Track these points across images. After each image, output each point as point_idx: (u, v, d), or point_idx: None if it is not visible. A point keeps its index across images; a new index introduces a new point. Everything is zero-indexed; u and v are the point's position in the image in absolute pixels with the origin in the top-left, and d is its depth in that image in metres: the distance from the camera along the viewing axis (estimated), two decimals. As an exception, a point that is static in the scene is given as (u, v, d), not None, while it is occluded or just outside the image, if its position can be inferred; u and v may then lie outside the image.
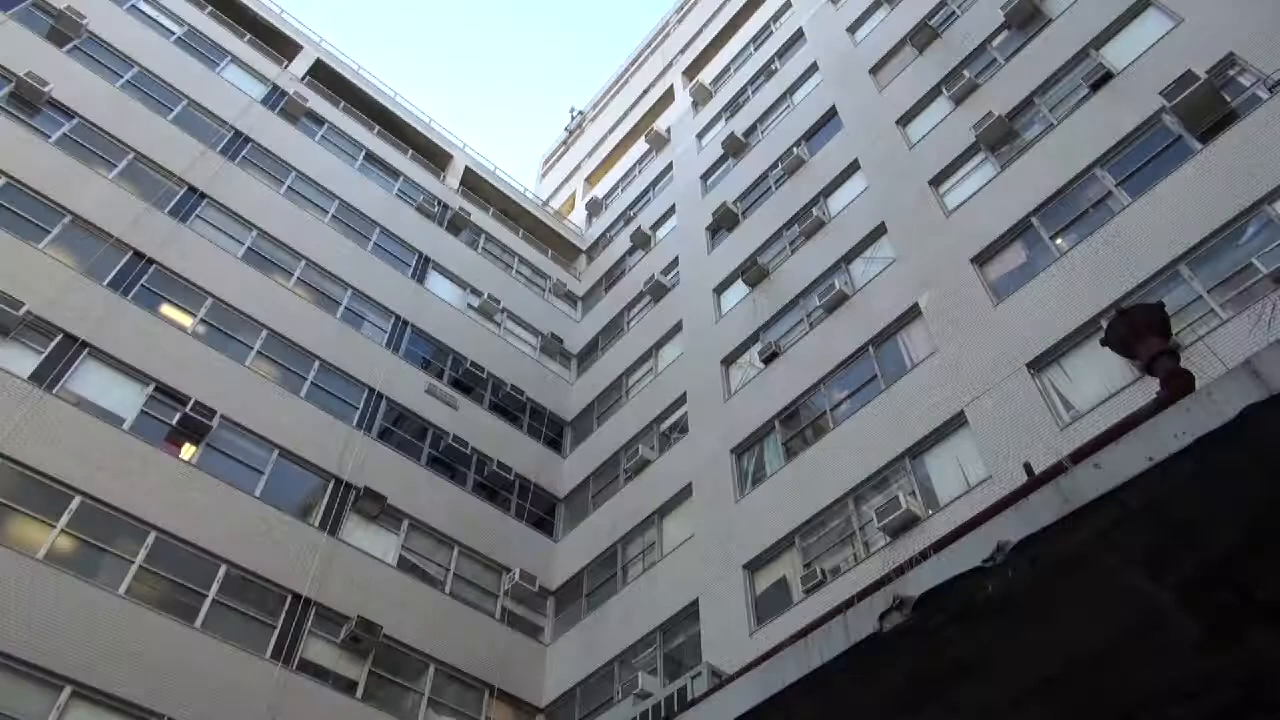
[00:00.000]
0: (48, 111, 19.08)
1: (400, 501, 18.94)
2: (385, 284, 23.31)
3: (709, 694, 6.01)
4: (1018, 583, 4.32)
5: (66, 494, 14.56)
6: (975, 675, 4.65)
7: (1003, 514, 4.52)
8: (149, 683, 13.56)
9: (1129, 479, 4.08)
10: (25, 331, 15.74)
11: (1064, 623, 4.50)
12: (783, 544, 15.57)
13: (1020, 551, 4.30)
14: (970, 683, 4.67)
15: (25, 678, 12.65)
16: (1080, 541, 4.21)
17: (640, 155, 33.32)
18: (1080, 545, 4.22)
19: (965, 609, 4.45)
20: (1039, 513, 4.32)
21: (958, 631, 4.51)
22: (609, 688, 17.21)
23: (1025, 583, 4.32)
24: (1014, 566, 4.31)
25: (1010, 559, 4.31)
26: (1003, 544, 4.34)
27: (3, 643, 12.59)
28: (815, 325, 18.39)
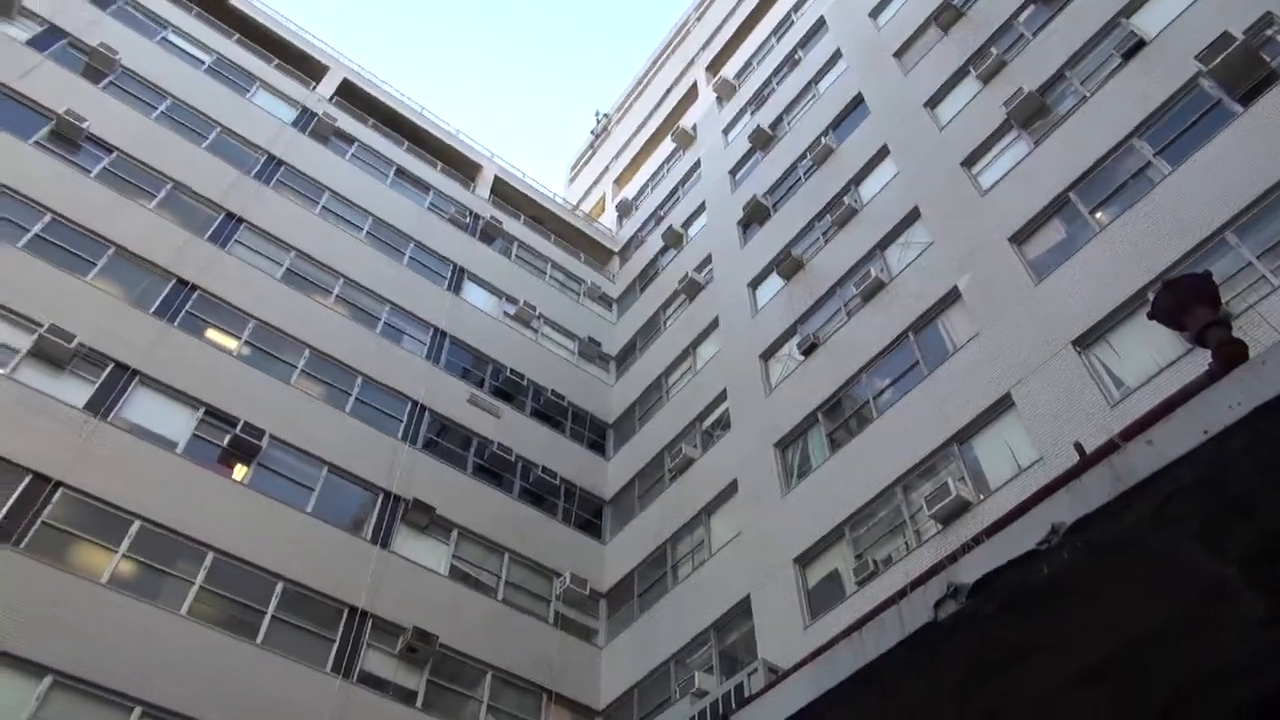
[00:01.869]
0: (87, 147, 19.55)
1: (449, 511, 19.13)
2: (422, 297, 23.56)
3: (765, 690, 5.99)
4: (1073, 565, 4.25)
5: (126, 519, 14.91)
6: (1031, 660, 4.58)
7: (1055, 496, 4.45)
8: (214, 700, 13.84)
9: (1183, 454, 3.99)
10: (78, 363, 16.14)
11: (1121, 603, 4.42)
12: (832, 536, 15.46)
13: (1075, 533, 4.23)
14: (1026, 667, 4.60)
15: (97, 700, 12.97)
16: (1136, 520, 4.14)
17: (667, 154, 33.30)
18: (1136, 524, 4.15)
19: (1020, 594, 4.39)
20: (1092, 493, 4.24)
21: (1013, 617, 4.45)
22: (666, 687, 17.22)
23: (1081, 564, 4.24)
24: (1069, 548, 4.24)
25: (1065, 541, 4.24)
26: (1057, 526, 4.27)
27: (74, 666, 12.92)
28: (853, 314, 18.23)
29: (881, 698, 4.90)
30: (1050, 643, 4.53)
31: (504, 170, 31.50)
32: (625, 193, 35.48)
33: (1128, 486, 4.11)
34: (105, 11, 22.74)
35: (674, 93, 36.38)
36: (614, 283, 30.36)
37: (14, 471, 14.25)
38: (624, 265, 31.04)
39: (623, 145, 39.23)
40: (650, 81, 40.09)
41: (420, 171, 27.68)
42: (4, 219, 17.11)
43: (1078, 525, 4.22)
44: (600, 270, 30.78)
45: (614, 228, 34.01)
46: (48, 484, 14.43)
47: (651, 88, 39.48)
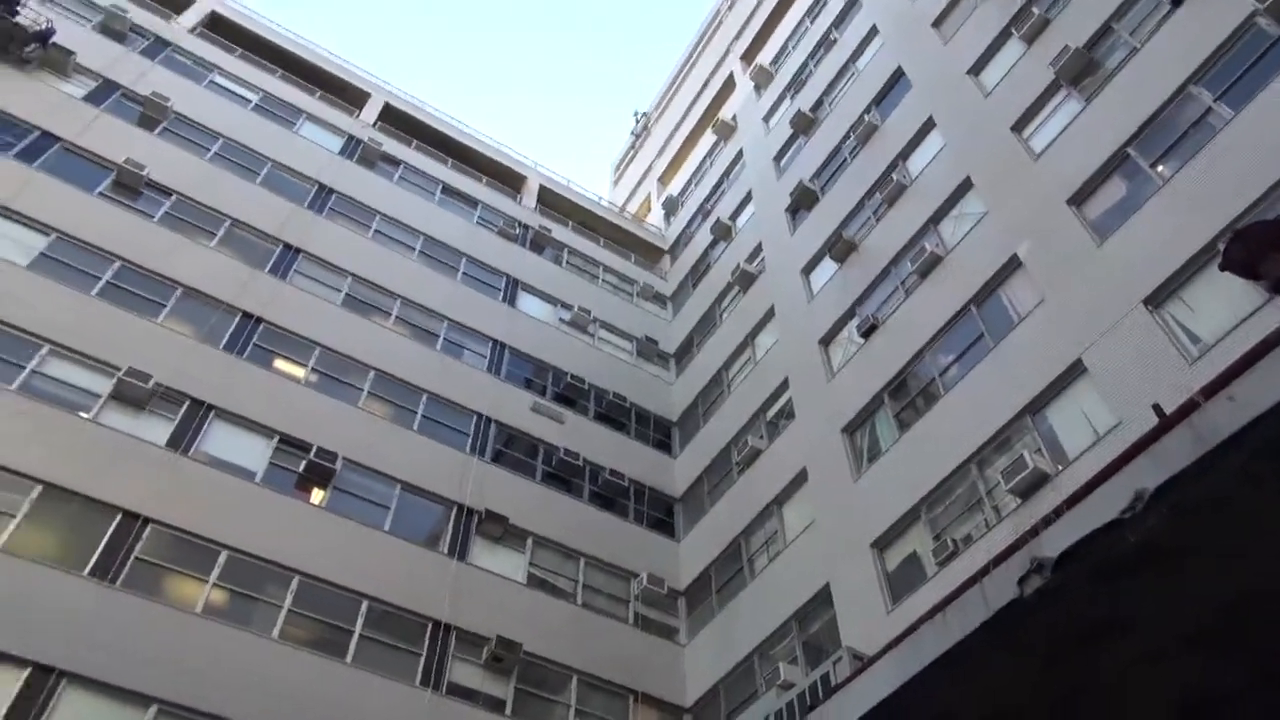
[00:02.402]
0: (148, 193, 20.24)
1: (522, 520, 19.34)
2: (478, 310, 23.87)
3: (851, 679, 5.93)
4: (1160, 531, 4.12)
5: (214, 549, 15.40)
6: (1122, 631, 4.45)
7: (1136, 461, 4.32)
8: (307, 718, 14.21)
9: (1270, 408, 3.84)
10: (156, 402, 16.71)
11: (1214, 567, 4.27)
12: (908, 518, 15.24)
13: (1160, 498, 4.10)
14: (1117, 640, 4.48)
15: (199, 726, 13.42)
16: (1223, 480, 3.99)
17: (709, 147, 33.18)
18: (1223, 484, 4.00)
19: (1107, 564, 4.27)
20: (1175, 455, 4.11)
21: (1101, 588, 4.33)
22: (751, 681, 17.15)
23: (1168, 530, 4.11)
24: (1155, 515, 4.11)
25: (1150, 507, 4.11)
26: (1140, 492, 4.15)
27: (176, 695, 13.38)
28: (911, 292, 17.94)
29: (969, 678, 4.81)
30: (1143, 612, 4.40)
31: (548, 179, 31.72)
32: (670, 190, 35.44)
33: (1212, 446, 3.97)
34: (154, 61, 23.51)
35: (711, 85, 36.22)
36: (666, 280, 30.36)
37: (105, 511, 14.82)
38: (675, 262, 31.02)
39: (664, 143, 39.19)
40: (686, 77, 39.98)
41: (466, 187, 28.03)
42: (78, 269, 17.81)
43: (1162, 490, 4.09)
44: (652, 269, 30.80)
45: (662, 226, 34.01)
46: (137, 521, 14.98)
47: (688, 83, 39.37)
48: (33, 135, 19.53)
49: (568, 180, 32.63)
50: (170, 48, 24.38)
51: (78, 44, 21.81)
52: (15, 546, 13.78)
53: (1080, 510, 4.43)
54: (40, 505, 14.40)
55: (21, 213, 18.01)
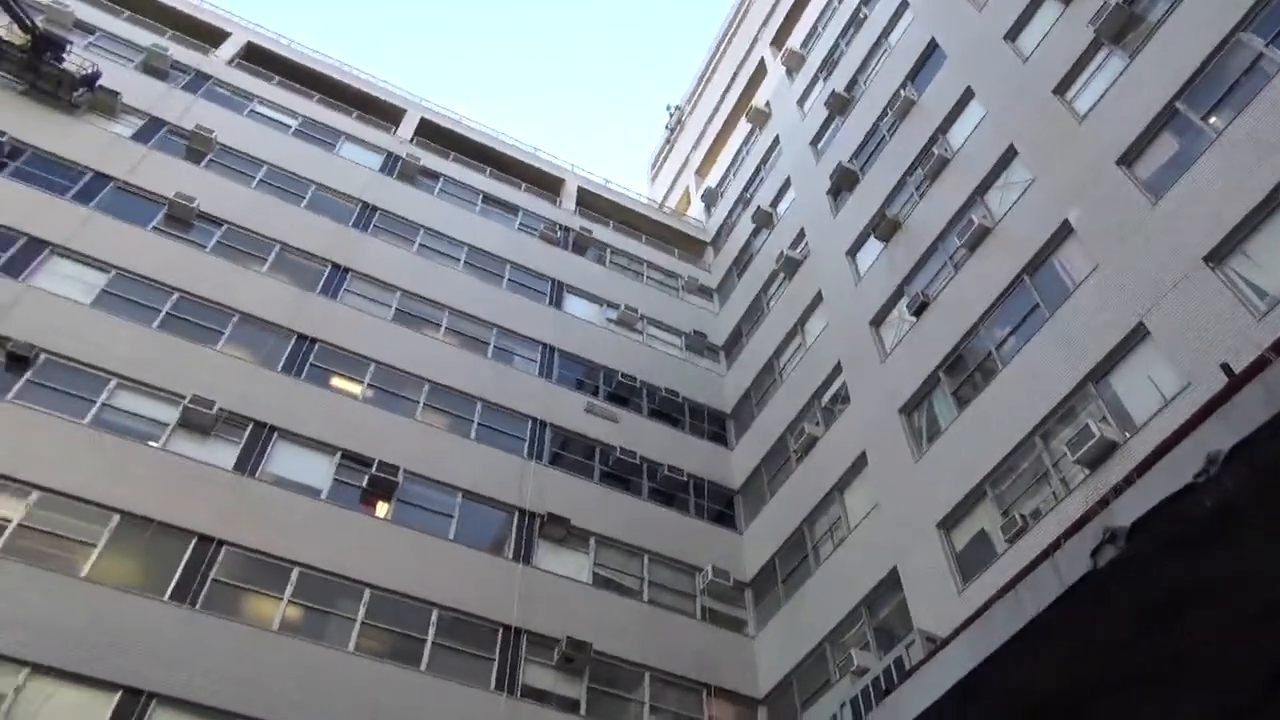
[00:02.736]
0: (199, 224, 20.76)
1: (583, 521, 19.45)
2: (526, 316, 24.05)
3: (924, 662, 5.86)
4: (1238, 493, 3.99)
5: (286, 567, 15.76)
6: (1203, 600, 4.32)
7: (1208, 423, 4.19)
8: (391, 729, 14.46)
9: (1346, 359, 3.70)
10: (221, 427, 17.15)
11: (1302, 527, 4.12)
12: (974, 496, 14.99)
13: (1234, 459, 3.96)
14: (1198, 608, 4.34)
15: (284, 740, 13.75)
16: (1302, 437, 3.85)
17: (745, 136, 32.98)
18: (1303, 441, 3.86)
19: (1183, 531, 4.15)
20: (1248, 414, 3.97)
21: (1180, 556, 4.21)
22: (824, 669, 17.04)
23: (1246, 492, 3.98)
24: (1230, 477, 3.98)
25: (1224, 469, 3.98)
26: (1213, 455, 4.02)
27: (262, 711, 13.73)
28: (961, 266, 17.64)
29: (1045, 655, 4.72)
30: (1224, 578, 4.27)
31: (586, 180, 31.82)
32: (708, 182, 35.30)
33: (1287, 402, 3.83)
34: (196, 95, 24.11)
35: (742, 73, 35.98)
36: (711, 273, 30.26)
37: (181, 536, 15.27)
38: (718, 254, 30.90)
39: (699, 135, 39.04)
40: (716, 67, 39.77)
41: (506, 195, 28.26)
42: (138, 303, 18.37)
43: (1236, 450, 3.96)
44: (695, 263, 30.73)
45: (702, 218, 33.91)
46: (211, 543, 15.39)
47: (719, 73, 39.16)
48: (86, 176, 20.17)
49: (605, 180, 32.71)
50: (210, 81, 24.97)
51: (123, 85, 22.46)
52: (99, 575, 14.26)
53: (1152, 477, 4.31)
54: (119, 534, 14.88)
55: (81, 252, 18.61)
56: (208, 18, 27.82)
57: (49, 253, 18.26)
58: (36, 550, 14.17)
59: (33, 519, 14.42)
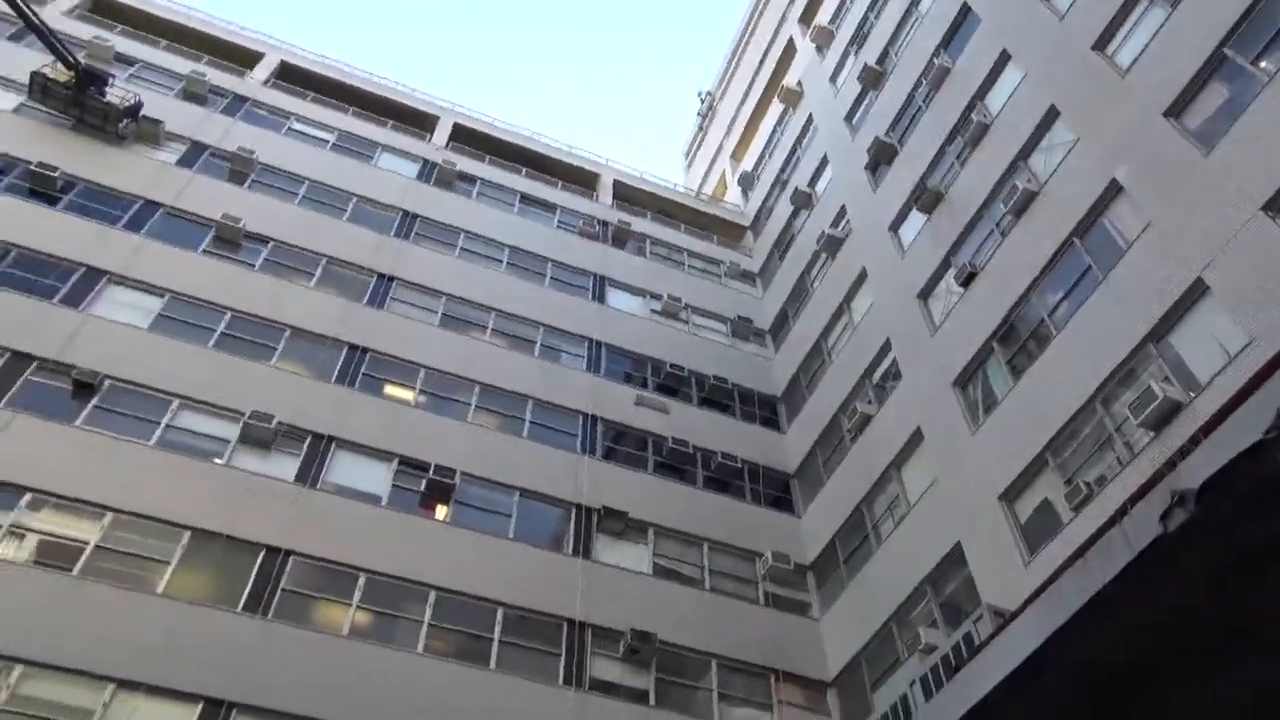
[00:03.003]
0: (247, 243, 21.21)
1: (640, 513, 19.52)
2: (570, 312, 24.17)
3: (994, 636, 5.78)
4: (1313, 447, 3.86)
5: (352, 574, 16.08)
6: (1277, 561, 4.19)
7: (1276, 377, 4.06)
8: (464, 727, 14.69)
9: None
10: (281, 440, 17.53)
11: (1382, 478, 3.97)
12: (1035, 466, 14.72)
13: (1307, 413, 3.84)
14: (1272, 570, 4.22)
15: (361, 743, 14.05)
16: (1378, 385, 3.71)
17: (778, 117, 32.67)
18: (1379, 389, 3.72)
19: (1254, 489, 4.03)
20: (1318, 366, 3.84)
21: (1250, 516, 4.09)
22: (892, 649, 16.90)
23: (1322, 445, 3.85)
24: (1304, 431, 3.85)
25: (1297, 424, 3.86)
26: (1284, 410, 3.90)
27: (336, 715, 14.03)
28: (1008, 233, 17.31)
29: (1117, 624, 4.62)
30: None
31: (621, 173, 31.82)
32: (744, 166, 35.06)
33: (1360, 350, 3.69)
34: (235, 118, 24.62)
35: (771, 54, 35.62)
36: (752, 257, 30.09)
37: (250, 549, 15.65)
38: (758, 238, 30.70)
39: (731, 120, 38.78)
40: (745, 49, 39.44)
41: (543, 194, 28.38)
42: (193, 324, 18.85)
43: (1309, 404, 3.83)
44: (736, 248, 30.57)
45: (740, 203, 33.71)
46: (279, 555, 15.75)
47: (748, 55, 38.83)
48: (136, 205, 20.72)
49: (640, 172, 32.68)
50: (248, 102, 25.47)
51: (165, 113, 23.02)
52: (174, 590, 14.69)
53: (1219, 436, 4.20)
54: (191, 550, 15.30)
55: (136, 279, 19.14)
56: (241, 41, 28.36)
57: (106, 281, 18.80)
58: (114, 570, 14.63)
59: (109, 540, 14.89)
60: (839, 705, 17.77)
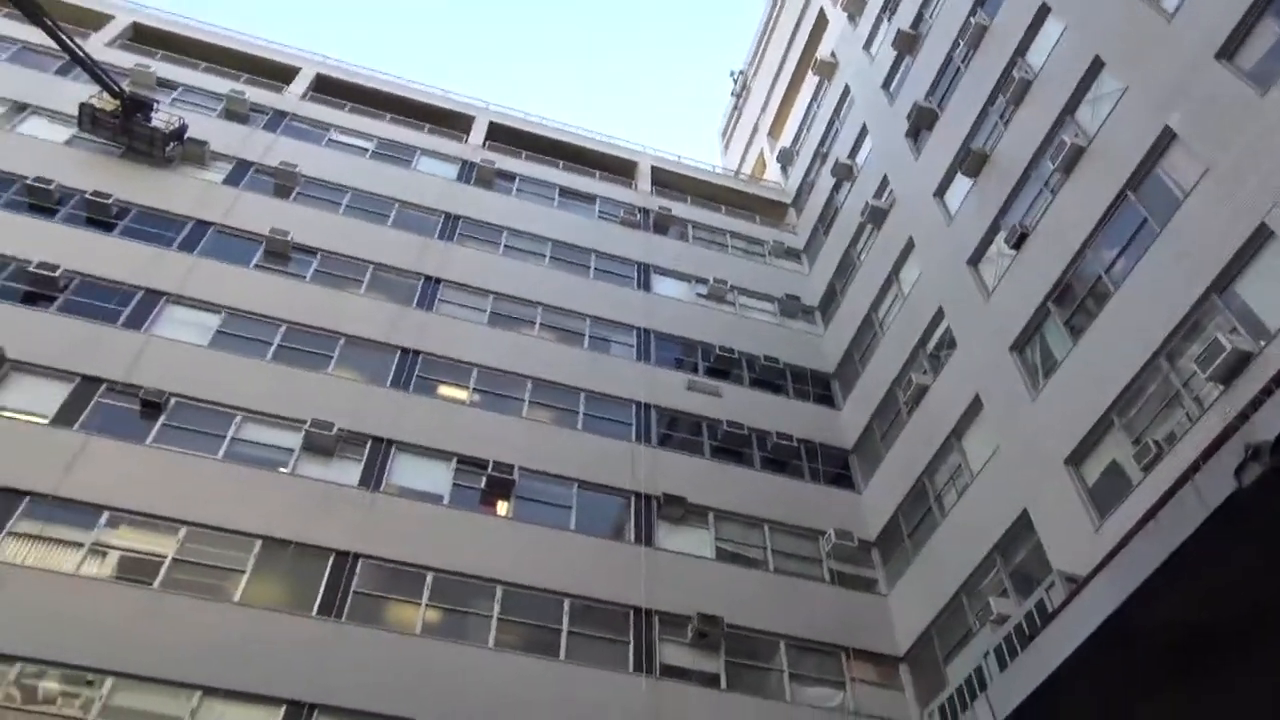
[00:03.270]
0: (295, 256, 21.62)
1: (699, 497, 19.51)
2: (617, 302, 24.20)
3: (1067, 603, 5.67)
4: (1396, 390, 3.69)
5: (420, 573, 16.35)
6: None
7: (1350, 320, 3.89)
8: (540, 718, 14.85)
9: None
10: (343, 446, 17.86)
11: None
12: (1100, 427, 14.38)
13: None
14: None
15: (440, 738, 14.31)
16: None
17: (814, 91, 32.26)
18: None
19: (1338, 437, 3.87)
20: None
21: (1337, 464, 3.93)
22: (963, 621, 16.68)
23: (1406, 388, 3.68)
24: (1385, 374, 3.69)
25: (1377, 367, 3.69)
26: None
27: (414, 711, 14.30)
28: (1058, 191, 16.88)
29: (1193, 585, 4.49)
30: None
31: (659, 159, 31.71)
32: (782, 143, 34.70)
33: None
34: (277, 133, 25.08)
35: (803, 27, 35.13)
36: (796, 234, 29.80)
37: (319, 554, 16.00)
38: (801, 214, 30.39)
39: (766, 97, 38.38)
40: (775, 24, 38.95)
41: (582, 185, 28.41)
42: (250, 338, 19.28)
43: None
44: (779, 226, 30.31)
45: (780, 180, 33.39)
46: (348, 558, 16.07)
47: (778, 30, 38.35)
48: (188, 225, 21.24)
49: (678, 157, 32.51)
50: (288, 117, 25.93)
51: (208, 133, 23.55)
52: (250, 598, 15.09)
53: (1294, 384, 4.04)
54: (263, 558, 15.69)
55: (193, 297, 19.63)
56: (276, 57, 28.82)
57: (165, 302, 19.32)
58: (192, 581, 15.08)
59: (184, 553, 15.34)
60: (912, 680, 17.60)
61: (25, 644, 13.38)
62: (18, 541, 14.69)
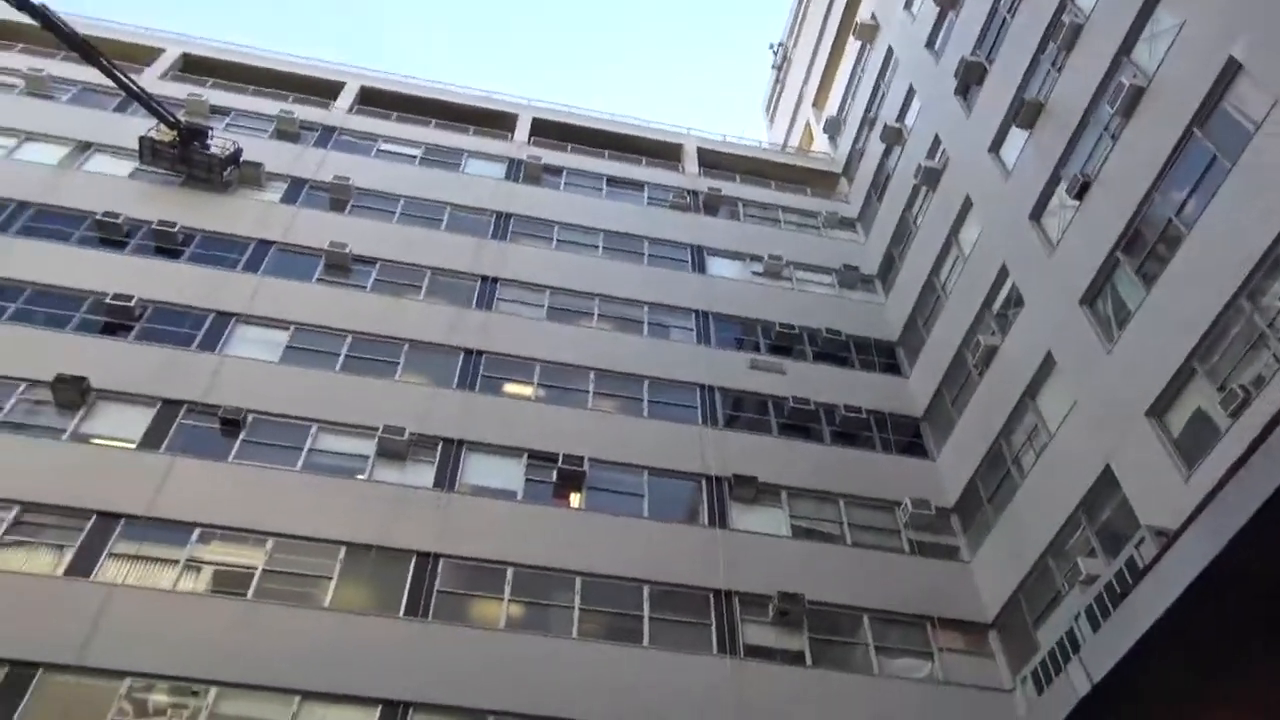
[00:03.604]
0: (355, 267, 22.06)
1: (770, 476, 19.41)
2: (673, 286, 24.16)
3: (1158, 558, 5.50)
4: None
5: (500, 569, 16.59)
6: None
7: None
8: (626, 707, 14.98)
9: None
10: (415, 450, 18.21)
11: None
12: (1181, 375, 13.89)
13: None
14: None
15: (533, 729, 14.56)
16: None
17: (856, 55, 31.65)
18: None
19: None
20: None
21: None
22: (1051, 583, 16.32)
23: None
24: None
25: None
26: None
27: (507, 704, 14.54)
28: (1119, 135, 16.31)
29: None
30: None
31: (704, 140, 31.50)
32: (827, 112, 34.13)
33: None
34: (327, 149, 25.64)
35: (840, -9, 34.47)
36: (849, 203, 29.35)
37: (401, 557, 16.34)
38: (853, 183, 29.91)
39: (808, 66, 37.78)
40: (812, -9, 38.29)
41: (629, 173, 28.40)
42: (318, 351, 19.77)
43: None
44: (831, 197, 29.89)
45: (829, 150, 32.89)
46: (429, 559, 16.39)
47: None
48: (250, 246, 21.84)
49: (723, 136, 32.28)
50: (336, 132, 26.47)
51: (262, 154, 24.14)
52: (339, 603, 15.51)
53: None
54: (348, 564, 16.09)
55: (261, 315, 20.20)
56: (321, 73, 29.35)
57: (235, 322, 19.90)
58: (282, 590, 15.54)
59: (274, 563, 15.82)
60: (1002, 646, 17.29)
61: (133, 659, 13.94)
62: (118, 562, 15.32)
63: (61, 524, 15.55)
